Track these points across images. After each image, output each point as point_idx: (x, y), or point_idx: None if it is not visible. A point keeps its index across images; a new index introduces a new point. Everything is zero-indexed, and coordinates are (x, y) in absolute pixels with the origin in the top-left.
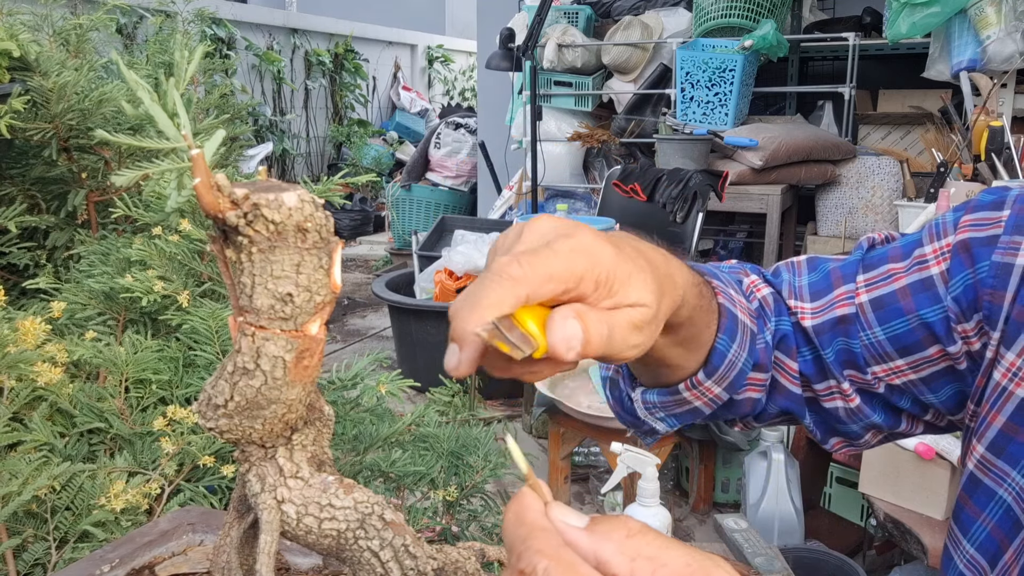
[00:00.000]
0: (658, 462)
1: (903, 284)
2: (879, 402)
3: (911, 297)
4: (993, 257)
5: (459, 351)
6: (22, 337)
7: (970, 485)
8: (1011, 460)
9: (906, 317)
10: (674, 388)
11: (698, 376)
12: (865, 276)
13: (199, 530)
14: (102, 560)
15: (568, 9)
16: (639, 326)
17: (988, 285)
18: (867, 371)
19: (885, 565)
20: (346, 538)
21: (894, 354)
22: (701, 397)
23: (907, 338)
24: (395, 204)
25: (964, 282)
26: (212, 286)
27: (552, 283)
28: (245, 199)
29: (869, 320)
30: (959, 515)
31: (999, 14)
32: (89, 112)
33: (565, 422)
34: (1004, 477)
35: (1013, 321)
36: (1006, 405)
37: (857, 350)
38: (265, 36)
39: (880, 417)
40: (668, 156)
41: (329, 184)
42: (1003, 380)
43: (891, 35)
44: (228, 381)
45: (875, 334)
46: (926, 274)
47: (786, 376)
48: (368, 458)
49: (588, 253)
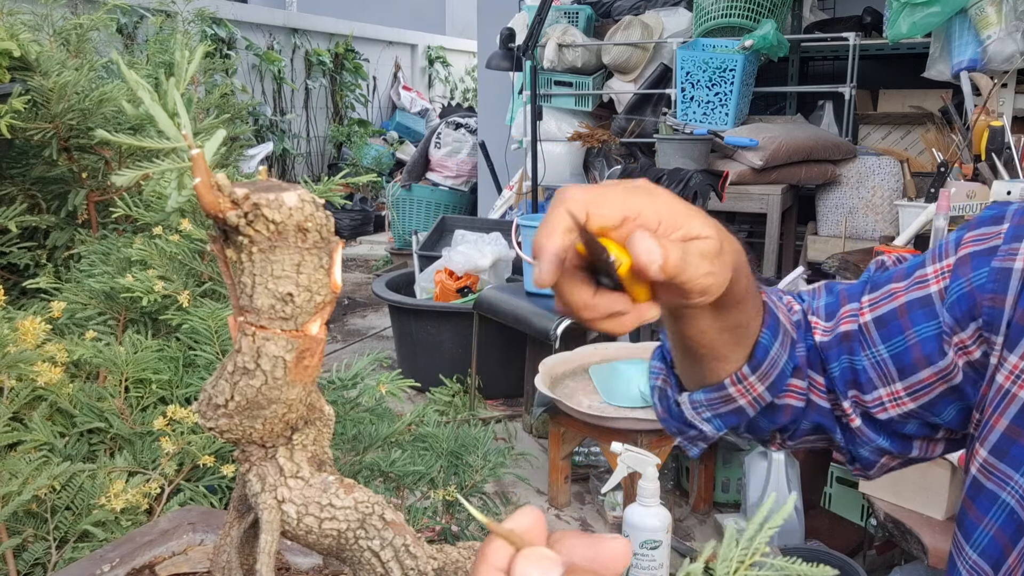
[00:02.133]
0: (658, 462)
1: (902, 302)
2: (883, 428)
3: (908, 315)
4: (992, 263)
5: (541, 261)
6: (22, 337)
7: (973, 490)
8: (1014, 463)
9: (904, 335)
10: (720, 384)
11: (743, 370)
12: (870, 296)
13: (199, 530)
14: (102, 559)
15: (568, 9)
16: (707, 255)
17: (988, 290)
18: (871, 393)
19: (885, 565)
20: (346, 538)
21: (896, 375)
22: (746, 395)
23: (906, 357)
24: (395, 204)
25: (959, 291)
26: (213, 286)
27: (612, 207)
28: (245, 199)
29: (873, 338)
30: (962, 521)
31: (1000, 14)
32: (89, 112)
33: (565, 422)
34: (1007, 480)
35: (1015, 324)
36: (1009, 408)
37: (860, 368)
38: (265, 36)
39: (886, 442)
40: (668, 156)
41: (330, 184)
42: (1006, 383)
43: (891, 35)
44: (228, 381)
45: (879, 352)
46: (924, 292)
47: (816, 392)
48: (368, 458)
49: (647, 191)
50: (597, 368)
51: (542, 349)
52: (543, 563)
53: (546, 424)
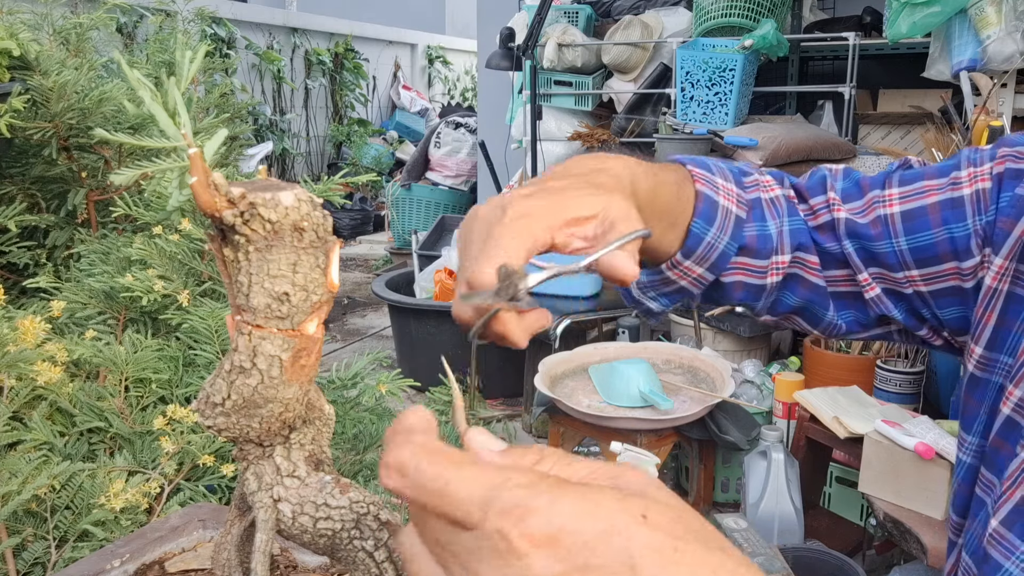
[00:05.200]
0: (658, 462)
1: (935, 200)
2: (904, 303)
3: (940, 212)
4: (1016, 190)
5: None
6: (22, 336)
7: (971, 385)
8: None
9: (932, 231)
10: (658, 270)
11: (676, 257)
12: (900, 189)
13: (209, 526)
14: (113, 555)
15: (568, 8)
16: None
17: (1004, 214)
18: (898, 273)
19: (885, 565)
20: (341, 538)
21: (912, 264)
22: (684, 277)
23: (928, 251)
24: (395, 203)
25: (990, 216)
26: (212, 285)
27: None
28: (242, 198)
29: (896, 229)
30: (964, 415)
31: (999, 14)
32: (89, 111)
33: (565, 422)
34: (995, 364)
35: (999, 231)
36: (997, 304)
37: (880, 252)
38: (265, 35)
39: (901, 315)
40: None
41: (329, 184)
42: (993, 283)
43: (891, 35)
44: (225, 379)
45: (899, 243)
46: (957, 194)
47: (809, 271)
48: (368, 457)
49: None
50: (597, 368)
51: (542, 349)
52: (492, 440)
53: (546, 424)
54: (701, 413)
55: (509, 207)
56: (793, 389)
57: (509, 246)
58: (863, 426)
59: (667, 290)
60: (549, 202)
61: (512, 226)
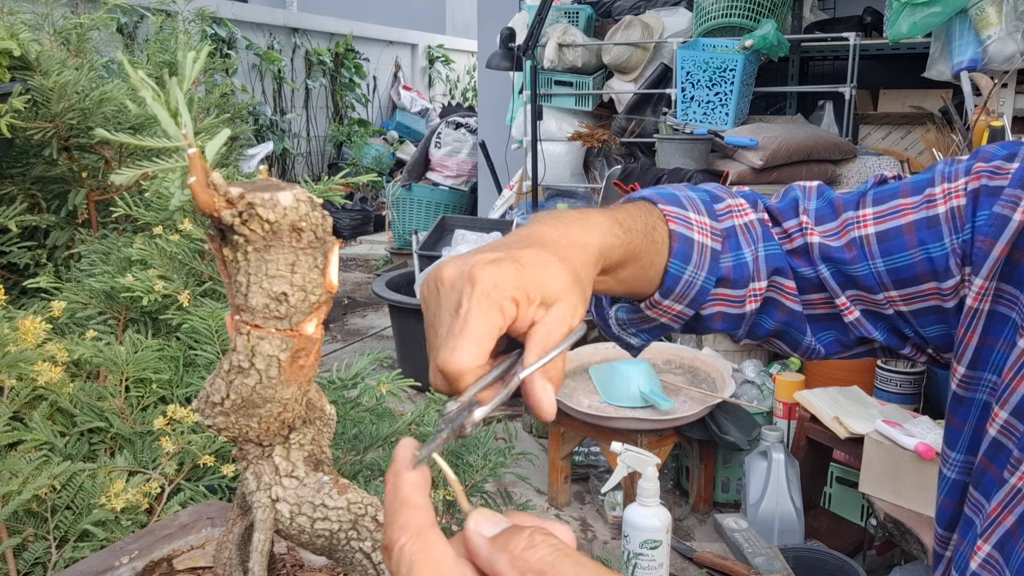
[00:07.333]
0: (658, 462)
1: (910, 220)
2: (884, 323)
3: (915, 233)
4: (994, 208)
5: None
6: (22, 336)
7: (954, 404)
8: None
9: (909, 251)
10: (636, 308)
11: (655, 297)
12: (875, 209)
13: (218, 524)
14: (122, 552)
15: (568, 9)
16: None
17: (982, 233)
18: (878, 294)
19: (885, 565)
20: (338, 539)
21: (891, 285)
22: (664, 315)
23: (906, 271)
24: (395, 204)
25: (966, 235)
26: (213, 285)
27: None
28: (240, 198)
29: (872, 251)
30: (947, 434)
31: (1000, 14)
32: (89, 111)
33: (565, 422)
34: (980, 383)
35: (978, 250)
36: (978, 324)
37: (858, 275)
38: (265, 35)
39: (882, 336)
40: (668, 156)
41: (329, 184)
42: (974, 303)
43: (892, 35)
44: (224, 379)
45: (876, 265)
46: (932, 212)
47: (786, 296)
48: (368, 457)
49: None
50: (597, 368)
51: None
52: (488, 523)
53: (546, 424)
54: (701, 413)
55: (478, 279)
56: (793, 389)
57: (477, 331)
58: (863, 426)
59: (647, 327)
60: (518, 275)
61: (481, 303)
